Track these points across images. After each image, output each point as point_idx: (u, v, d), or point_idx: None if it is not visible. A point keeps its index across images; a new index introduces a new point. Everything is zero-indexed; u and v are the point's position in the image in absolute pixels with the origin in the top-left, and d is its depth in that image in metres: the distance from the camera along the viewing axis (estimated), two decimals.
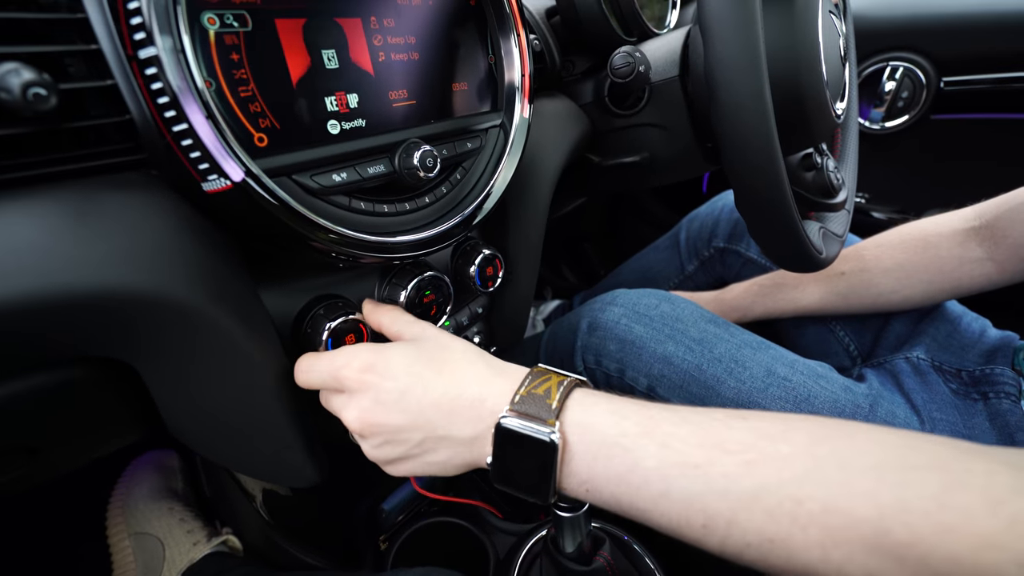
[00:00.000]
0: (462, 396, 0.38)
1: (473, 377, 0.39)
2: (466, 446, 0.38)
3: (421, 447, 0.39)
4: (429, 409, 0.38)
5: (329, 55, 0.40)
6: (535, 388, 0.37)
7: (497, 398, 0.37)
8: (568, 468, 0.35)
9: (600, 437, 0.34)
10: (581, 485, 0.35)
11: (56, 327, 0.31)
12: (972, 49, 1.05)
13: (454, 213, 0.48)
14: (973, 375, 0.63)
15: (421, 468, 0.40)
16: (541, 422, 0.35)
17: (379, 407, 0.39)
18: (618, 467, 0.33)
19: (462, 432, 0.38)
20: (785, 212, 0.49)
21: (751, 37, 0.41)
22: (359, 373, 0.39)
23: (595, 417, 0.35)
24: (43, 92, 0.28)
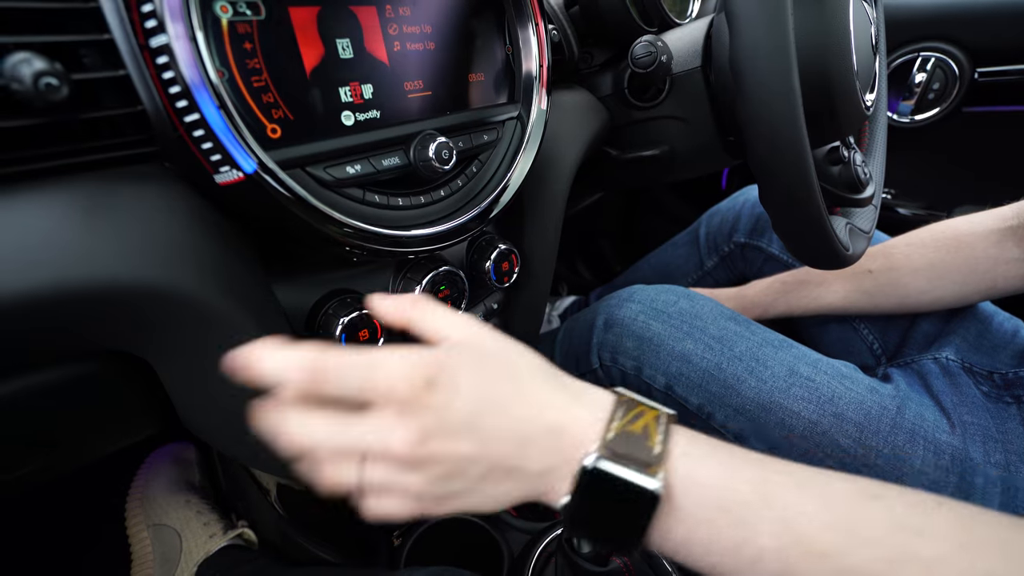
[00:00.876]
0: (539, 422, 0.31)
1: (550, 400, 0.32)
2: (536, 480, 0.31)
3: (484, 480, 0.31)
4: (502, 435, 0.31)
5: (344, 44, 0.39)
6: (630, 425, 0.31)
7: (580, 431, 0.31)
8: (664, 525, 0.29)
9: (711, 499, 0.29)
10: (675, 547, 0.30)
11: (69, 321, 0.31)
12: (1009, 38, 1.01)
13: (470, 207, 0.47)
14: (1006, 377, 0.61)
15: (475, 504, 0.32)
16: (641, 467, 0.29)
17: (443, 432, 0.30)
18: (728, 539, 0.28)
19: (535, 465, 0.31)
20: (812, 207, 0.47)
21: (781, 25, 0.40)
22: (420, 387, 0.30)
23: (706, 470, 0.30)
24: (55, 82, 0.28)
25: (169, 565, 0.71)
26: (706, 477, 0.29)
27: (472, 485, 0.31)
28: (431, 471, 0.30)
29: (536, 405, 0.32)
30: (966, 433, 0.56)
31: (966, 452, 0.55)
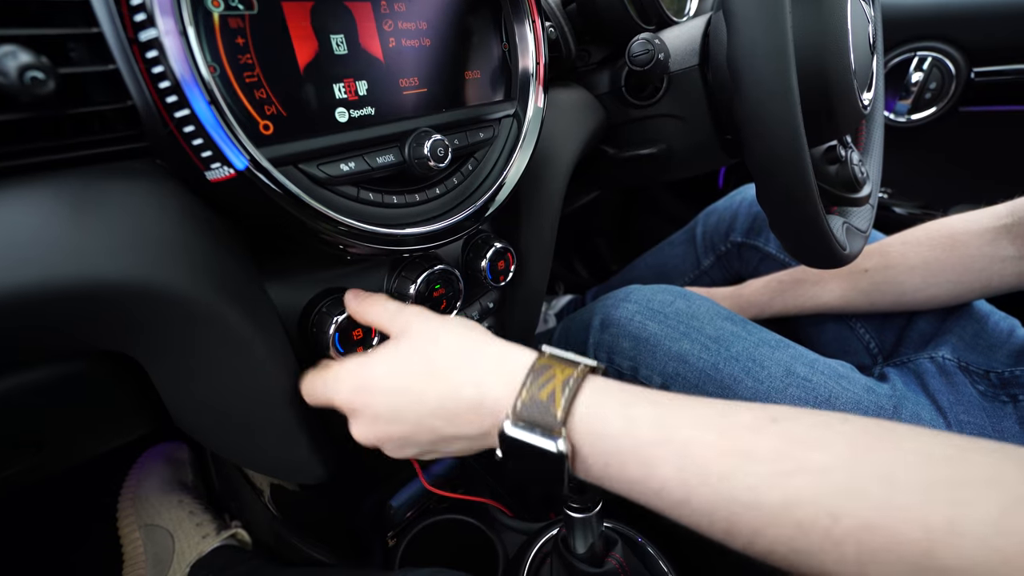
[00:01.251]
0: (459, 402, 0.36)
1: (467, 378, 0.37)
2: (478, 440, 0.38)
3: (434, 445, 0.39)
4: (428, 418, 0.37)
5: (338, 40, 0.38)
6: (538, 392, 0.34)
7: (495, 401, 0.35)
8: (580, 468, 0.34)
9: (612, 445, 0.32)
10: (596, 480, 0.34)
11: (57, 319, 0.30)
12: (1005, 38, 1.01)
13: (465, 205, 0.47)
14: (1002, 376, 0.61)
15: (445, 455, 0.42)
16: (547, 432, 0.33)
17: (379, 423, 0.39)
18: (633, 473, 0.32)
19: (469, 430, 0.37)
20: (809, 206, 0.47)
21: (779, 24, 0.39)
22: (349, 396, 0.39)
23: (606, 421, 0.33)
24: (41, 76, 0.27)
25: (161, 566, 0.71)
26: (607, 428, 0.32)
27: (428, 448, 0.40)
28: (387, 446, 0.40)
29: (452, 387, 0.37)
30: (963, 432, 0.56)
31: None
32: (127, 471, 0.81)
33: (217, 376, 0.40)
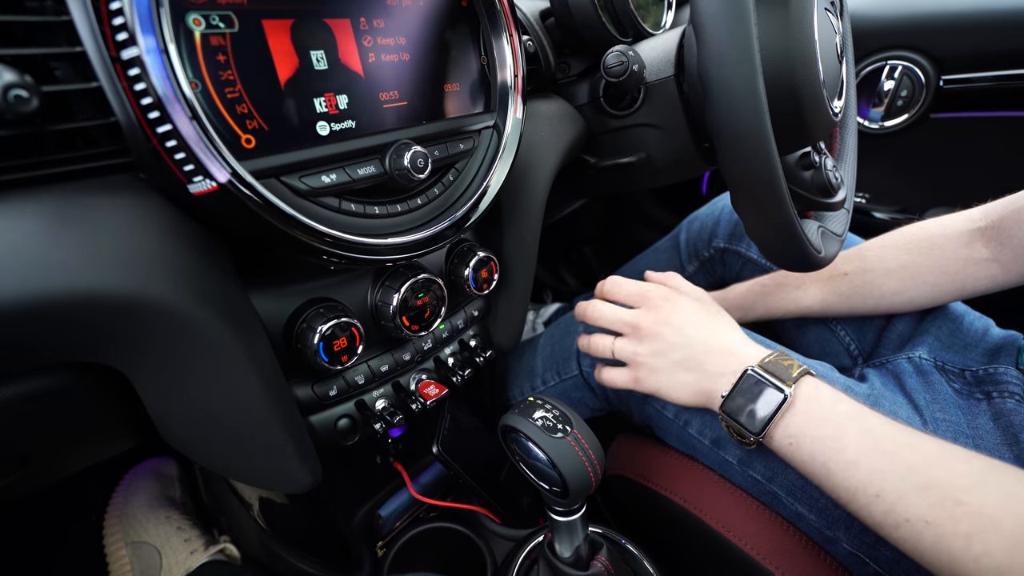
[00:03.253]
0: (723, 343, 0.52)
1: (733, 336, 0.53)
2: (709, 377, 0.51)
3: (679, 365, 0.53)
4: (698, 340, 0.52)
5: (318, 56, 0.39)
6: (781, 360, 0.49)
7: (746, 356, 0.50)
8: (784, 421, 0.45)
9: (820, 407, 0.45)
10: (787, 438, 0.45)
11: (40, 332, 0.31)
12: (971, 47, 1.04)
13: (447, 215, 0.48)
14: (976, 375, 0.62)
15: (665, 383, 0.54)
16: (781, 381, 0.46)
17: (667, 324, 0.54)
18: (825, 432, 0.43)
19: (712, 367, 0.51)
20: (782, 210, 0.48)
21: (743, 32, 0.41)
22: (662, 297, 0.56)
23: (821, 393, 0.46)
24: (24, 94, 0.28)
25: None
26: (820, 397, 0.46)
27: (671, 366, 0.53)
28: (652, 345, 0.54)
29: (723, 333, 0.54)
30: (938, 430, 0.57)
31: None
32: (114, 488, 0.81)
33: (202, 387, 0.40)
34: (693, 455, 0.64)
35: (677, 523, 0.61)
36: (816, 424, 0.44)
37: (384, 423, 0.51)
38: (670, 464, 0.64)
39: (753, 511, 0.58)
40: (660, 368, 0.54)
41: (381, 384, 0.54)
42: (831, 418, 0.44)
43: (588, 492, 0.44)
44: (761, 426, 0.46)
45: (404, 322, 0.50)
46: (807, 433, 0.44)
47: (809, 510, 0.55)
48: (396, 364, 0.54)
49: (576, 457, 0.42)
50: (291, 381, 0.47)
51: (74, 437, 0.44)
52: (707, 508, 0.59)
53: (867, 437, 0.42)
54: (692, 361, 0.52)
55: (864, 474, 0.41)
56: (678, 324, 0.53)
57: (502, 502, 0.69)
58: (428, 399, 0.53)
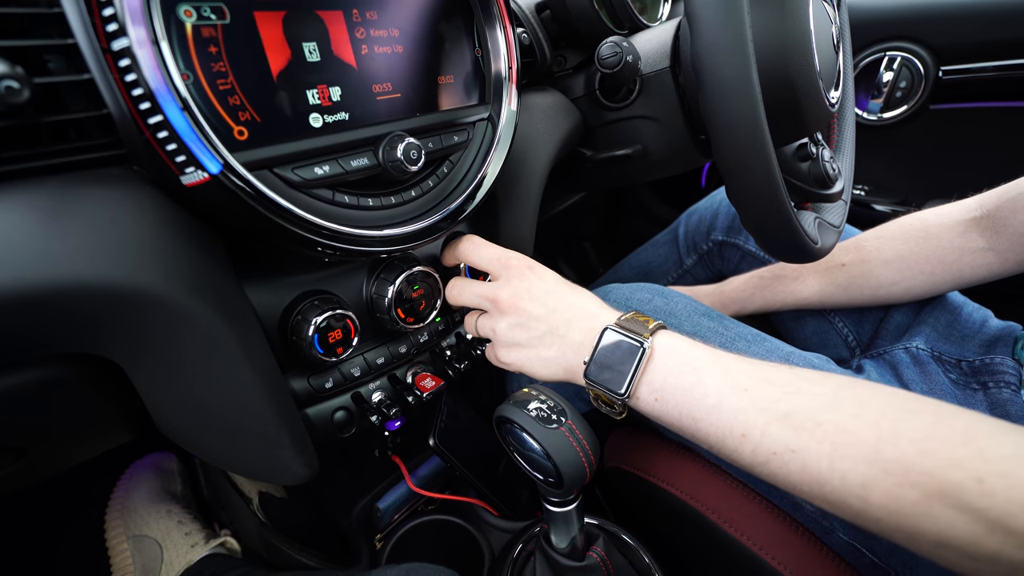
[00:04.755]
0: (584, 310, 0.49)
1: (591, 301, 0.51)
2: (573, 348, 0.48)
3: (540, 340, 0.49)
4: (560, 309, 0.49)
5: (310, 48, 0.39)
6: (636, 316, 0.48)
7: (607, 319, 0.48)
8: (647, 375, 0.44)
9: (678, 357, 0.44)
10: (652, 393, 0.44)
11: (32, 322, 0.31)
12: (970, 38, 1.04)
13: (442, 207, 0.48)
14: (973, 365, 0.62)
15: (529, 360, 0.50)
16: (638, 335, 0.45)
17: (528, 294, 0.50)
18: (687, 380, 0.42)
19: (575, 336, 0.48)
20: (777, 201, 0.48)
21: (736, 21, 0.41)
22: (524, 266, 0.52)
23: (677, 343, 0.45)
24: (15, 85, 0.28)
25: None
26: (676, 346, 0.45)
27: (533, 340, 0.49)
28: (514, 318, 0.50)
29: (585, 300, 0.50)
30: None
31: None
32: (115, 482, 0.81)
33: (196, 378, 0.40)
34: (690, 446, 0.64)
35: (674, 514, 0.61)
36: (677, 373, 0.43)
37: (380, 416, 0.52)
38: (667, 456, 0.64)
39: (749, 502, 0.58)
40: (521, 343, 0.50)
41: (377, 377, 0.54)
42: (690, 364, 0.43)
43: (583, 482, 0.44)
44: (626, 384, 0.44)
45: (399, 314, 0.50)
46: (669, 383, 0.43)
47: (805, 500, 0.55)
48: (392, 357, 0.54)
49: (570, 447, 0.42)
50: (287, 373, 0.47)
51: (71, 429, 0.44)
52: (704, 499, 0.59)
53: (726, 378, 0.41)
54: (554, 335, 0.49)
55: (728, 415, 0.40)
56: (539, 295, 0.50)
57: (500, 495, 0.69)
58: (424, 392, 0.54)
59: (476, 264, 0.53)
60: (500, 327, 0.51)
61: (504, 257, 0.52)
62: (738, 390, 0.40)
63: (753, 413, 0.39)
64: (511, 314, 0.50)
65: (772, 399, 0.39)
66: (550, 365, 0.49)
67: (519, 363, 0.51)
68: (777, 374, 0.41)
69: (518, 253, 0.53)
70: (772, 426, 0.37)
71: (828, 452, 0.35)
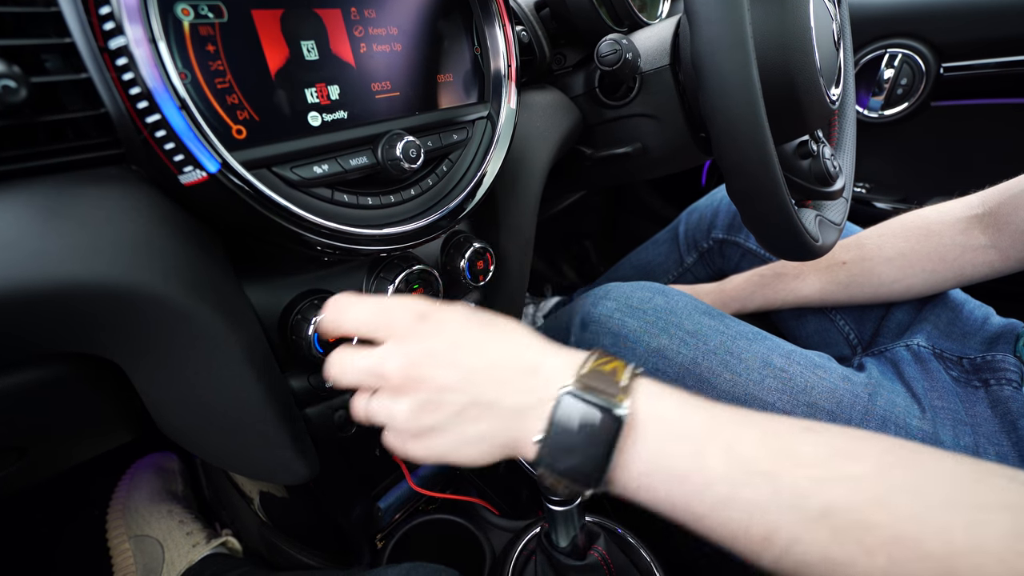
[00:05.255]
0: (518, 361, 0.35)
1: (528, 345, 0.36)
2: (512, 418, 0.34)
3: (460, 416, 0.35)
4: (480, 371, 0.35)
5: (308, 46, 0.39)
6: (601, 365, 0.34)
7: (554, 370, 0.34)
8: (628, 456, 0.32)
9: (668, 428, 0.32)
10: (636, 479, 0.32)
11: (30, 322, 0.31)
12: (972, 34, 1.04)
13: (441, 205, 0.48)
14: (974, 362, 0.62)
15: (451, 446, 0.35)
16: (609, 397, 0.32)
17: (429, 359, 0.35)
18: (683, 464, 0.31)
19: (511, 401, 0.34)
20: (777, 199, 0.48)
21: (737, 18, 0.41)
22: (414, 319, 0.36)
23: (664, 405, 0.33)
24: (12, 84, 0.28)
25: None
26: (664, 412, 0.32)
27: (451, 420, 0.35)
28: (416, 397, 0.35)
29: (515, 348, 0.36)
30: (936, 418, 0.57)
31: (936, 436, 0.56)
32: (116, 482, 0.81)
33: (196, 378, 0.40)
34: None
35: None
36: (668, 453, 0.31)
37: None
38: None
39: None
40: (433, 426, 0.35)
41: None
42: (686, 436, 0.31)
43: None
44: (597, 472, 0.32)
45: None
46: (660, 466, 0.31)
47: None
48: None
49: None
50: (287, 373, 0.47)
51: (71, 429, 0.44)
52: None
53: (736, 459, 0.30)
54: (478, 405, 0.34)
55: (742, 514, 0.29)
56: (445, 354, 0.35)
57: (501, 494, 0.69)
58: None
59: (349, 333, 0.39)
60: (398, 413, 0.36)
61: (382, 312, 0.37)
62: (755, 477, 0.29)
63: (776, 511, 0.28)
64: (410, 391, 0.35)
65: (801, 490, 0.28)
66: (480, 445, 0.35)
67: (439, 454, 0.36)
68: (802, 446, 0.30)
69: (402, 300, 0.38)
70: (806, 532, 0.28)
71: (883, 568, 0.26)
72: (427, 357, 0.35)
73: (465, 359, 0.35)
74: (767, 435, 0.31)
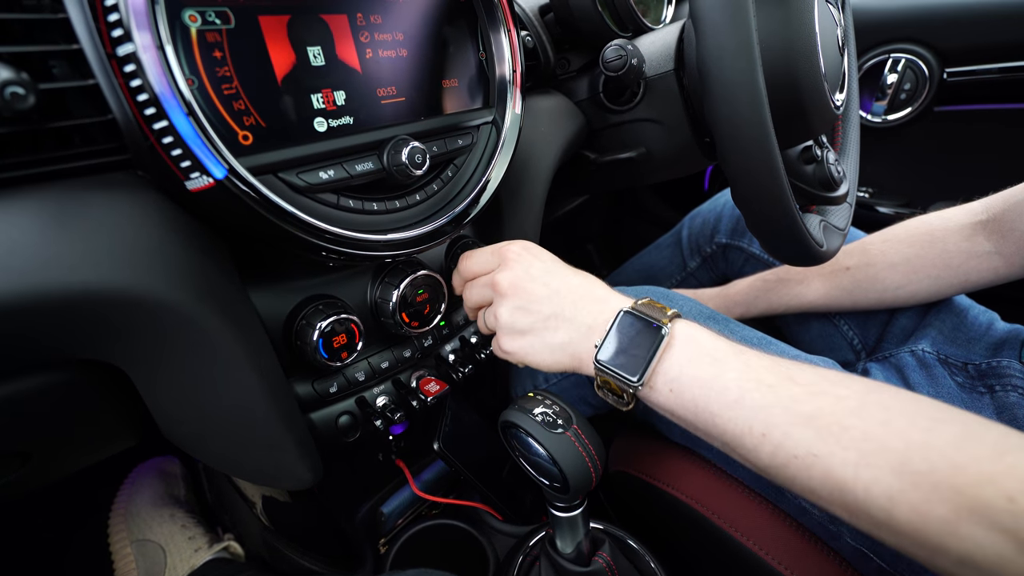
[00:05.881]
0: (591, 291, 0.47)
1: (598, 284, 0.48)
2: (582, 332, 0.45)
3: (546, 323, 0.46)
4: (565, 291, 0.46)
5: (315, 52, 0.39)
6: (653, 303, 0.45)
7: (619, 302, 0.45)
8: (664, 364, 0.41)
9: (698, 346, 0.41)
10: (668, 383, 0.41)
11: (38, 328, 0.31)
12: (975, 39, 1.04)
13: (446, 210, 0.48)
14: (979, 368, 0.62)
15: (534, 347, 0.46)
16: (657, 320, 0.42)
17: (528, 275, 0.47)
18: (706, 372, 0.40)
19: (584, 318, 0.45)
20: (783, 204, 0.48)
21: (742, 24, 0.41)
22: (520, 249, 0.49)
23: (697, 332, 0.42)
24: (21, 91, 0.28)
25: None
26: (697, 336, 0.42)
27: (538, 324, 0.46)
28: (514, 301, 0.47)
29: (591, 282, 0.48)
30: None
31: None
32: (118, 487, 0.81)
33: (201, 383, 0.40)
34: (696, 451, 0.64)
35: (680, 519, 0.61)
36: (696, 363, 0.40)
37: (385, 420, 0.51)
38: (673, 460, 0.64)
39: (756, 506, 0.57)
40: (525, 328, 0.46)
41: (382, 381, 0.54)
42: (711, 354, 0.40)
43: (589, 488, 0.43)
44: (641, 370, 0.41)
45: (404, 319, 0.50)
46: (688, 373, 0.40)
47: (813, 504, 0.55)
48: (396, 361, 0.54)
49: (576, 452, 0.42)
50: (291, 378, 0.47)
51: (75, 434, 0.44)
52: (710, 504, 0.59)
53: (748, 372, 0.38)
54: (560, 316, 0.45)
55: (748, 412, 0.37)
56: (539, 275, 0.47)
57: (504, 499, 0.69)
58: (429, 396, 0.53)
59: (478, 271, 0.51)
60: (502, 313, 0.47)
61: (499, 248, 0.50)
62: (761, 386, 0.37)
63: (777, 411, 0.36)
64: (511, 297, 0.47)
65: (796, 398, 0.36)
66: (556, 352, 0.46)
67: (523, 352, 0.47)
68: (800, 372, 0.38)
69: (514, 240, 0.51)
70: (795, 427, 0.35)
71: (854, 460, 0.33)
72: (526, 274, 0.48)
73: (553, 281, 0.47)
74: (777, 363, 0.39)
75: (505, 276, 0.48)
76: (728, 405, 0.38)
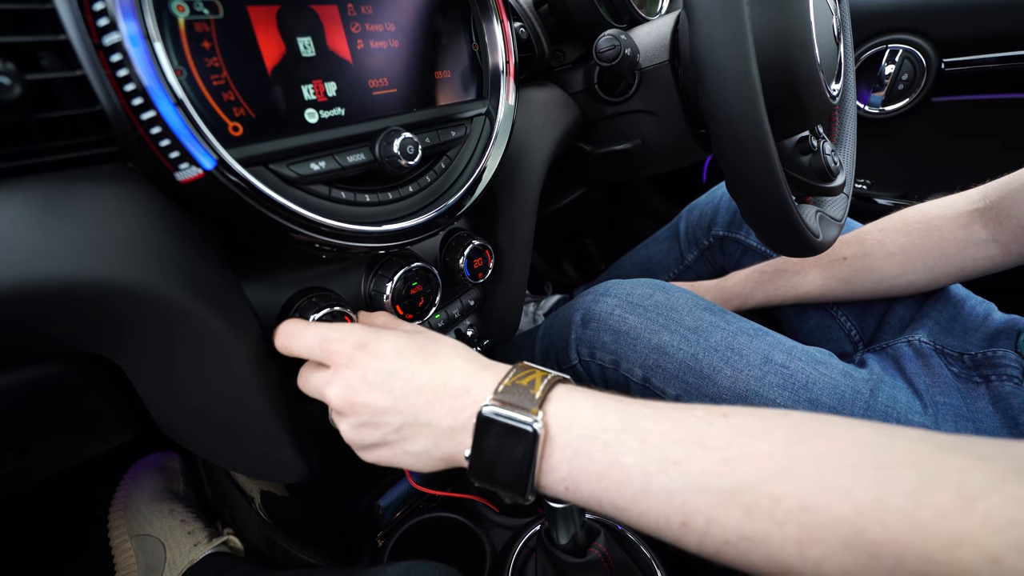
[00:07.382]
0: (447, 384, 0.38)
1: (459, 368, 0.39)
2: (445, 436, 0.37)
3: (399, 433, 0.38)
4: (413, 394, 0.38)
5: (305, 43, 0.39)
6: (519, 380, 0.37)
7: (481, 389, 0.37)
8: (548, 463, 0.34)
9: (581, 431, 0.34)
10: (561, 482, 0.34)
11: (28, 320, 0.31)
12: (973, 29, 1.03)
13: (439, 202, 0.48)
14: (975, 358, 0.62)
15: (397, 457, 0.39)
16: (524, 411, 0.34)
17: (364, 386, 0.38)
18: (598, 463, 0.33)
19: (443, 421, 0.37)
20: (778, 195, 0.48)
21: (736, 14, 0.40)
22: (351, 348, 0.39)
23: (577, 411, 0.35)
24: (7, 82, 0.28)
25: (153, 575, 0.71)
26: (578, 416, 0.34)
27: (391, 437, 0.39)
28: (354, 419, 0.39)
29: (447, 370, 0.39)
30: (938, 413, 0.57)
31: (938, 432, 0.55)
32: (118, 482, 0.81)
33: (195, 377, 0.40)
34: None
35: None
36: (585, 454, 0.33)
37: None
38: None
39: None
40: (377, 442, 0.39)
41: None
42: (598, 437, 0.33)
43: None
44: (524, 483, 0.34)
45: (398, 311, 0.50)
46: (579, 467, 0.33)
47: None
48: None
49: None
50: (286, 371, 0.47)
51: (69, 428, 0.44)
52: None
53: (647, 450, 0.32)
54: (415, 424, 0.38)
55: (658, 502, 0.31)
56: (379, 381, 0.38)
57: None
58: None
59: (299, 356, 0.42)
60: (345, 430, 0.40)
61: (324, 342, 0.40)
62: (666, 465, 0.31)
63: (691, 495, 0.30)
64: (349, 415, 0.39)
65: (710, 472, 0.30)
66: (423, 458, 0.39)
67: (388, 462, 0.40)
68: (710, 430, 0.31)
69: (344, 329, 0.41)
70: (718, 510, 0.29)
71: (794, 537, 0.27)
72: (363, 384, 0.39)
73: (398, 384, 0.38)
74: (678, 425, 0.32)
75: (335, 391, 0.39)
76: (634, 497, 0.32)
